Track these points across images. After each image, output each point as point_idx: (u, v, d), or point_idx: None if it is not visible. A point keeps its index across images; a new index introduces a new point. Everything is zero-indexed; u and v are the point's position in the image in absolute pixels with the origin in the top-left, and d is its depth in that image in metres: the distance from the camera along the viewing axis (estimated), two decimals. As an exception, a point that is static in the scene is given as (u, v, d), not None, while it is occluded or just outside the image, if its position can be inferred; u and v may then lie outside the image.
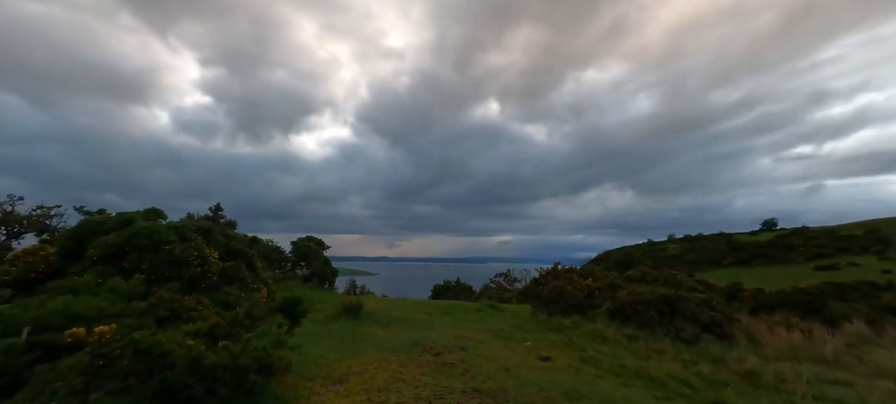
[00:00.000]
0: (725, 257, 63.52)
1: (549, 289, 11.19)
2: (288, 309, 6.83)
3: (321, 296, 12.37)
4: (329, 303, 11.66)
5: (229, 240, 7.68)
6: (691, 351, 8.96)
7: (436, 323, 10.71)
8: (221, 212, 11.91)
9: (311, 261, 13.08)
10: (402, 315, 11.19)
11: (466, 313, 12.64)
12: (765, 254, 62.03)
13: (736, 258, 62.58)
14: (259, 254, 13.33)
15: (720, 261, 63.12)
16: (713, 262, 62.60)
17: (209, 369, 4.01)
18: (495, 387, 5.28)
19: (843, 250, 58.62)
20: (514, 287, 19.79)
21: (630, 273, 16.46)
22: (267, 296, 7.90)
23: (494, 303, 14.56)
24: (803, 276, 47.70)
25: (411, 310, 11.99)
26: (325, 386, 5.09)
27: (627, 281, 15.20)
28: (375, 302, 12.66)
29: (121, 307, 4.62)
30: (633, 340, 9.55)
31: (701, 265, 62.69)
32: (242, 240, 8.08)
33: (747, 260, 61.93)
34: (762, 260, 61.13)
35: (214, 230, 7.50)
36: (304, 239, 13.66)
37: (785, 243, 63.55)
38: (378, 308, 11.62)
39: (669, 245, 71.16)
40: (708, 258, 64.28)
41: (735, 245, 66.13)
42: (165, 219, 7.40)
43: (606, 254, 71.85)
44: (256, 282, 7.45)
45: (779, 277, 51.55)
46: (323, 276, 13.16)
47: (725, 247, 65.56)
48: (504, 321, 11.48)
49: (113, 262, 5.66)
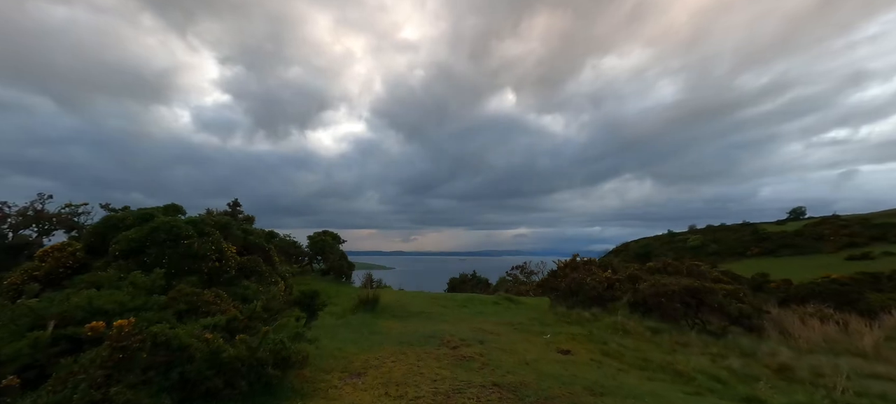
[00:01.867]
0: (750, 247, 61.51)
1: (568, 282, 10.96)
2: (305, 303, 6.84)
3: (338, 289, 12.43)
4: (346, 296, 11.70)
5: (247, 235, 7.73)
6: (719, 344, 8.62)
7: (452, 316, 10.62)
8: (239, 207, 12.05)
9: (327, 255, 13.15)
10: (418, 308, 11.14)
11: (483, 306, 12.51)
12: (792, 244, 59.82)
13: (761, 248, 60.51)
14: (276, 248, 13.49)
15: (744, 251, 61.17)
16: (737, 253, 60.73)
17: (227, 362, 3.99)
18: (515, 382, 5.15)
19: (877, 239, 56.03)
20: (531, 279, 19.58)
21: (651, 264, 16.03)
22: (284, 290, 7.94)
23: (511, 296, 14.39)
24: (834, 267, 45.87)
25: (428, 304, 11.93)
26: (342, 380, 5.05)
27: (649, 272, 14.81)
28: (392, 295, 12.67)
29: (141, 300, 4.66)
30: (657, 333, 9.26)
31: (724, 256, 60.96)
32: (260, 235, 8.13)
33: (774, 250, 59.86)
34: (789, 250, 58.99)
35: (232, 225, 7.55)
36: (320, 233, 13.71)
37: (814, 232, 61.12)
38: (394, 301, 11.60)
39: (690, 236, 69.29)
40: (731, 249, 62.38)
41: (761, 235, 63.94)
42: (184, 215, 7.49)
43: (624, 246, 70.47)
44: (274, 275, 7.48)
45: (807, 268, 49.70)
46: (339, 270, 13.22)
47: (750, 238, 63.46)
48: (522, 314, 11.32)
49: (134, 257, 5.73)
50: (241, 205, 12.05)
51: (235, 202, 11.94)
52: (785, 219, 68.96)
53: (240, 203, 12.00)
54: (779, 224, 67.50)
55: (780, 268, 47.57)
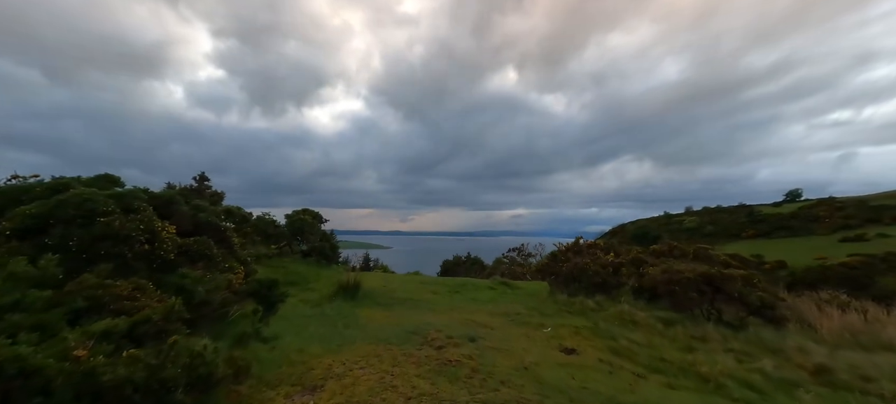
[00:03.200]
0: (745, 229, 61.00)
1: (570, 267, 9.85)
2: (261, 294, 5.65)
3: (318, 273, 11.29)
4: (326, 281, 10.56)
5: (197, 212, 6.47)
6: (740, 338, 7.58)
7: (443, 303, 9.53)
8: (208, 181, 10.76)
9: (306, 236, 11.95)
10: (405, 294, 10.03)
11: (477, 292, 11.43)
12: (787, 226, 59.28)
13: (757, 230, 59.94)
14: (254, 228, 12.26)
15: (740, 233, 60.67)
16: (732, 235, 60.18)
17: (112, 388, 2.82)
18: (511, 399, 4.02)
19: (871, 221, 55.46)
20: (528, 262, 18.54)
21: (657, 247, 14.95)
22: (244, 277, 6.75)
23: (508, 281, 13.32)
24: (827, 249, 45.34)
25: (416, 289, 10.83)
26: (289, 398, 3.90)
27: (654, 256, 13.74)
28: (377, 279, 11.55)
29: (14, 297, 3.43)
30: (669, 325, 8.20)
31: (719, 238, 60.39)
32: (214, 213, 6.87)
33: (769, 232, 59.33)
34: (784, 232, 58.47)
35: (177, 200, 6.29)
36: (299, 212, 12.50)
37: (809, 214, 60.51)
38: (379, 286, 10.48)
39: (687, 217, 68.66)
40: (727, 230, 61.80)
41: (756, 217, 63.33)
42: (122, 188, 6.20)
43: (621, 228, 69.76)
44: (230, 260, 6.27)
45: (801, 249, 49.20)
46: (322, 252, 12.06)
47: (746, 219, 62.86)
48: (519, 301, 10.24)
49: (32, 238, 4.48)
50: (209, 178, 10.77)
51: (202, 175, 10.64)
52: (781, 202, 68.29)
53: (208, 177, 10.72)
54: (775, 206, 66.83)
55: (775, 250, 47.03)
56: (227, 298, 5.31)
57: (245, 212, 13.21)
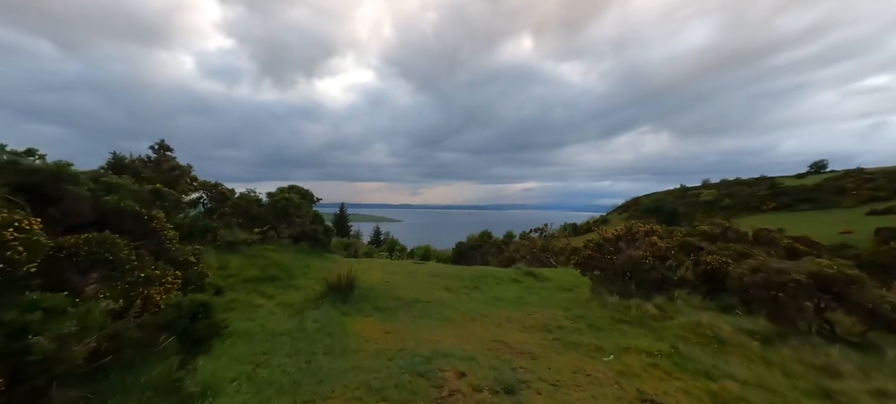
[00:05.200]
0: (766, 202, 57.77)
1: (623, 260, 7.56)
2: (179, 326, 3.50)
3: (308, 264, 9.19)
4: (316, 274, 8.46)
5: (103, 194, 4.27)
6: (881, 366, 5.32)
7: (459, 306, 7.38)
8: (170, 151, 8.56)
9: (291, 220, 9.81)
10: (412, 293, 7.90)
11: (500, 286, 9.26)
12: (810, 198, 55.88)
13: (778, 203, 56.69)
14: (233, 208, 10.11)
15: (759, 206, 57.48)
16: (752, 208, 57.00)
17: None
18: None
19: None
20: (552, 244, 16.30)
21: (706, 228, 12.56)
22: (183, 287, 4.62)
23: (533, 270, 11.12)
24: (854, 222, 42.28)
25: (426, 285, 8.68)
26: None
27: (707, 239, 11.38)
28: (378, 272, 9.43)
29: None
30: (768, 344, 5.97)
31: (737, 211, 57.32)
32: (132, 193, 4.66)
33: (790, 204, 56.06)
34: (807, 204, 55.15)
35: (65, 176, 4.07)
36: (284, 190, 10.32)
37: (835, 186, 56.87)
38: (380, 283, 8.34)
39: (704, 190, 65.23)
40: (746, 203, 58.60)
41: (777, 189, 59.81)
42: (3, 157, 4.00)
43: (635, 201, 66.57)
44: (148, 266, 4.10)
45: (825, 223, 46.14)
46: (313, 238, 9.95)
47: (766, 192, 59.42)
48: (554, 302, 8.05)
49: None
50: (171, 148, 8.55)
51: (162, 144, 8.43)
52: (805, 173, 64.38)
53: (169, 146, 8.51)
54: (798, 177, 63.01)
55: (797, 224, 44.07)
56: (125, 332, 3.17)
57: (224, 188, 11.08)
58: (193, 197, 10.87)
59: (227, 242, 8.52)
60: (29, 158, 4.09)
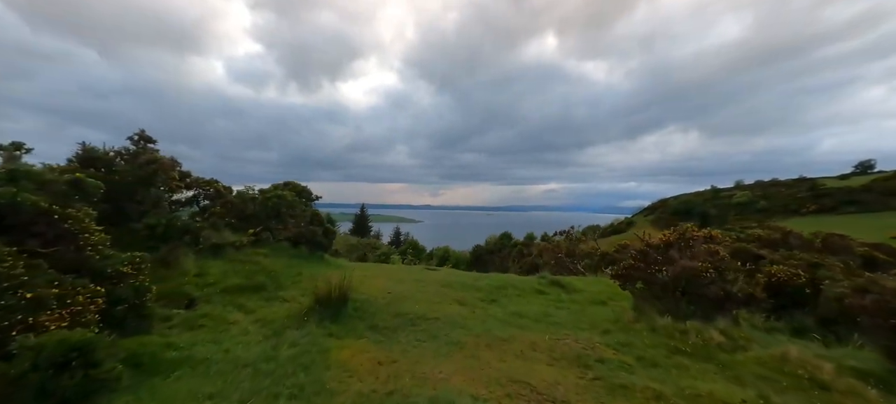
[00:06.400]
0: (805, 204, 53.57)
1: (676, 271, 6.02)
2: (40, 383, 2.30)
3: (301, 271, 8.04)
4: (309, 283, 7.29)
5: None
6: None
7: (474, 326, 6.02)
8: (152, 143, 7.58)
9: (285, 220, 8.69)
10: (418, 307, 6.59)
11: (523, 299, 7.85)
12: (857, 201, 51.35)
13: (819, 205, 52.43)
14: (225, 207, 9.09)
15: (799, 209, 53.36)
16: (790, 211, 52.91)
17: None
18: None
19: (964, 196, 46.97)
20: (578, 248, 14.69)
21: (762, 233, 10.74)
22: (107, 305, 3.47)
23: (560, 279, 9.62)
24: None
25: (436, 297, 7.36)
26: None
27: (767, 246, 9.59)
28: (381, 280, 8.17)
29: None
30: (888, 388, 4.36)
31: (774, 214, 53.39)
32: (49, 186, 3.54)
33: (834, 207, 51.69)
34: (853, 207, 50.69)
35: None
36: (279, 187, 9.23)
37: (885, 187, 52.11)
38: (381, 294, 7.08)
39: (737, 191, 61.26)
40: (784, 206, 54.48)
41: (819, 190, 55.42)
42: None
43: (662, 203, 62.97)
44: (43, 282, 2.95)
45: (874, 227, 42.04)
46: (311, 240, 8.81)
47: (807, 194, 55.15)
48: (588, 322, 6.58)
49: None
50: (153, 139, 7.57)
51: (142, 134, 7.46)
52: (850, 174, 59.47)
53: (151, 137, 7.53)
54: (842, 178, 58.24)
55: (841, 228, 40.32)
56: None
57: (220, 185, 10.11)
58: (187, 195, 9.95)
59: (212, 245, 7.48)
60: None
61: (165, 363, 4.22)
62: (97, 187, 4.05)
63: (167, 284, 6.54)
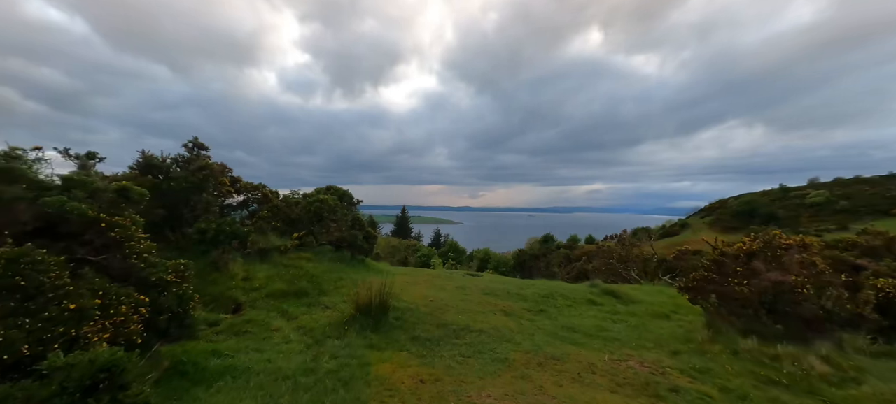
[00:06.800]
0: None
1: (761, 285, 5.15)
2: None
3: (342, 276, 7.94)
4: (351, 288, 7.15)
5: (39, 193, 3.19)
6: None
7: (521, 340, 5.53)
8: (204, 150, 7.83)
9: (327, 224, 8.65)
10: (461, 318, 6.21)
11: (574, 311, 7.21)
12: (965, 201, 44.37)
13: (915, 206, 45.77)
14: (271, 211, 9.24)
15: (888, 210, 46.82)
16: (879, 211, 46.48)
17: None
18: None
19: None
20: (632, 253, 13.54)
21: (855, 238, 9.23)
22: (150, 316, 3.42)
23: (614, 288, 8.81)
24: None
25: (479, 307, 6.94)
26: None
27: (863, 254, 8.18)
28: (422, 287, 7.88)
29: None
30: None
31: (858, 215, 47.25)
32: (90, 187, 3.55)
33: (935, 208, 44.97)
34: (960, 208, 43.86)
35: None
36: (321, 190, 9.25)
37: None
38: (422, 302, 6.76)
39: (811, 190, 54.95)
40: (869, 205, 48.06)
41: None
42: None
43: (721, 203, 57.72)
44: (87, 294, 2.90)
45: None
46: (353, 244, 8.73)
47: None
48: (650, 335, 5.86)
49: None
50: (206, 146, 7.84)
51: (196, 142, 7.74)
52: (954, 168, 51.38)
53: (204, 144, 7.80)
54: (944, 174, 50.49)
55: (945, 231, 34.75)
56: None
57: (267, 189, 10.35)
58: (237, 199, 10.29)
59: (259, 249, 7.60)
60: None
61: (209, 372, 4.15)
62: (142, 195, 4.09)
63: (216, 288, 6.67)
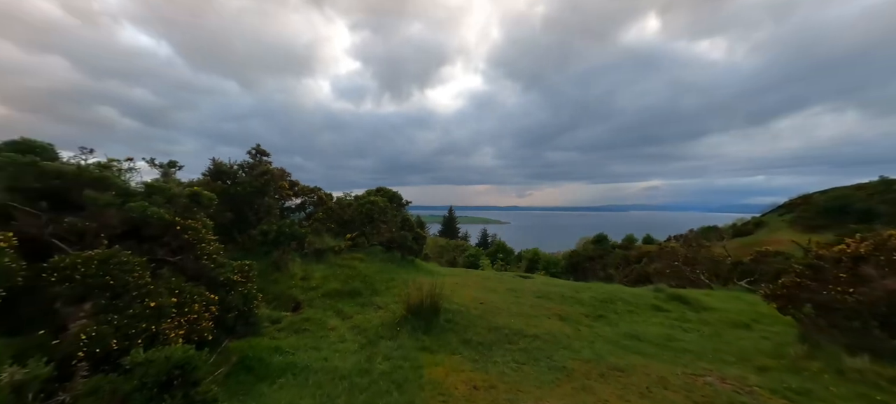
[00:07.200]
0: None
1: (873, 294, 4.37)
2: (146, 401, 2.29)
3: (394, 276, 8.01)
4: (401, 288, 7.19)
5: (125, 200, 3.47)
6: None
7: (579, 348, 5.18)
8: (266, 156, 8.30)
9: (377, 225, 8.77)
10: (513, 322, 5.97)
11: (637, 318, 6.67)
12: None
13: None
14: (325, 213, 9.58)
15: None
16: None
17: None
18: None
19: None
20: (700, 254, 12.30)
21: None
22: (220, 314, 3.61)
23: (681, 293, 8.05)
24: None
25: (532, 312, 6.64)
26: None
27: None
28: (472, 288, 7.72)
29: None
30: None
31: None
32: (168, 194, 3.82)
33: None
34: None
35: (79, 178, 3.35)
36: (372, 192, 9.42)
37: None
38: (473, 304, 6.61)
39: (921, 181, 47.01)
40: None
41: None
42: (40, 156, 3.52)
43: (804, 199, 50.84)
44: (165, 292, 3.11)
45: None
46: (403, 244, 8.80)
47: None
48: (729, 347, 5.23)
49: None
50: (267, 152, 8.31)
51: (259, 148, 8.23)
52: None
53: (265, 150, 8.28)
54: None
55: None
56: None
57: (322, 192, 10.78)
58: (296, 202, 10.82)
59: (315, 250, 7.90)
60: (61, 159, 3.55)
61: (272, 368, 4.31)
62: (211, 199, 4.36)
63: (277, 287, 7.01)
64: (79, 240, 3.28)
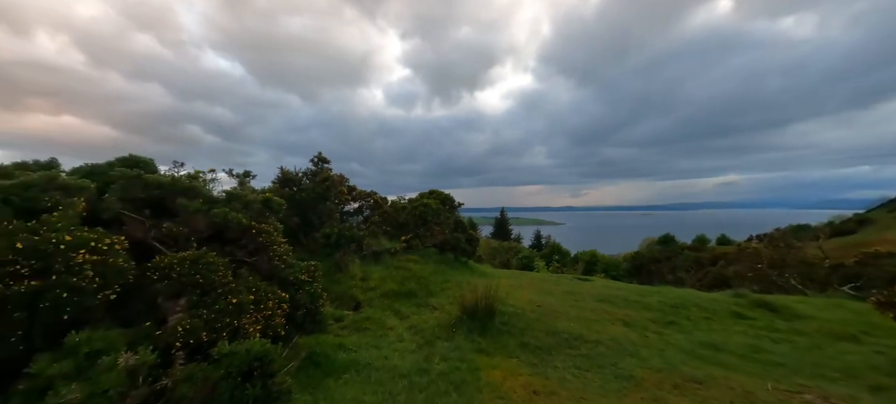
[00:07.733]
0: None
1: None
2: (230, 391, 2.49)
3: (448, 278, 8.04)
4: (455, 289, 7.21)
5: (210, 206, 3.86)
6: None
7: (648, 356, 4.82)
8: (327, 163, 8.80)
9: (430, 228, 8.86)
10: (572, 328, 5.70)
11: (714, 326, 6.05)
12: None
13: None
14: (381, 217, 9.91)
15: None
16: None
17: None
18: None
19: None
20: (790, 256, 10.80)
21: None
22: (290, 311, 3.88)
23: (767, 299, 7.15)
24: None
25: (593, 316, 6.31)
26: None
27: None
28: (528, 290, 7.51)
29: None
30: None
31: None
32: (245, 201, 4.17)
33: None
34: None
35: (171, 186, 3.77)
36: (425, 195, 9.55)
37: None
38: (529, 307, 6.42)
39: None
40: None
41: None
42: (144, 169, 4.07)
43: (921, 190, 43.42)
44: (244, 290, 3.41)
45: None
46: (456, 247, 8.82)
47: None
48: (831, 362, 4.55)
49: None
50: (328, 159, 8.80)
51: (320, 156, 8.75)
52: None
53: (326, 158, 8.77)
54: None
55: None
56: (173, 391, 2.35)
57: (378, 196, 11.18)
58: (354, 206, 11.34)
59: (373, 252, 8.21)
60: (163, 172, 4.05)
61: (337, 364, 4.53)
62: (280, 205, 4.72)
63: (339, 287, 7.38)
64: (174, 242, 3.73)
